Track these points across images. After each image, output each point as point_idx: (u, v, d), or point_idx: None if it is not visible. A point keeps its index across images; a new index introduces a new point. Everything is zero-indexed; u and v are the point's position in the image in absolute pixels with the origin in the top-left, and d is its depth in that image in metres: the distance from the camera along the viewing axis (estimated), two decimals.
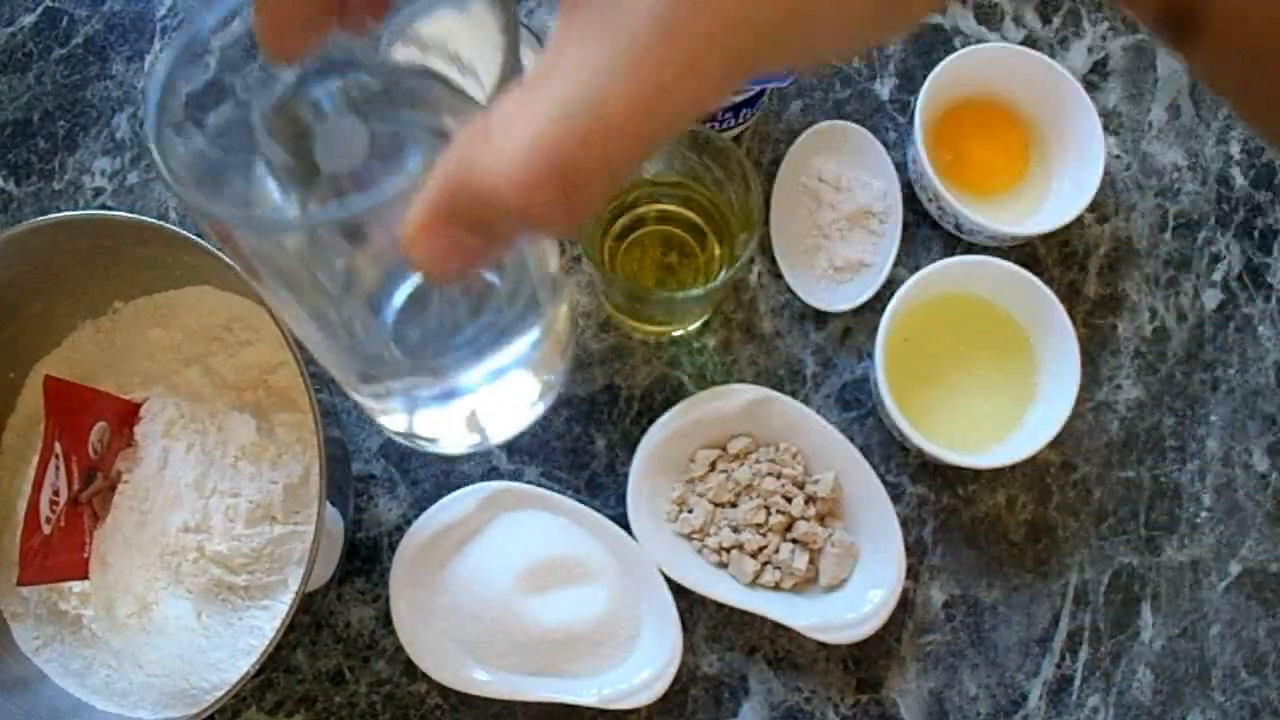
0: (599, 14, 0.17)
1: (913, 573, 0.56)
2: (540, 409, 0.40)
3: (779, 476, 0.55)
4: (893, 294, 0.54)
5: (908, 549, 0.54)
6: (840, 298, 0.58)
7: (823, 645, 0.55)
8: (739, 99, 0.54)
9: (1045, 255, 0.61)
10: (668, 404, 0.56)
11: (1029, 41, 0.63)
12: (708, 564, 0.55)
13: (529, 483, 0.56)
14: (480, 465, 0.57)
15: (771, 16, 0.17)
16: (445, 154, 0.18)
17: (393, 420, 0.39)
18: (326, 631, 0.55)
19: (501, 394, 0.36)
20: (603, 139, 0.17)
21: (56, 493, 0.47)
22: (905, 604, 0.56)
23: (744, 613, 0.54)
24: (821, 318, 0.59)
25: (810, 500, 0.55)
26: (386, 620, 0.54)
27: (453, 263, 0.19)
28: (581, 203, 0.18)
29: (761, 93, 0.55)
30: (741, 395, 0.55)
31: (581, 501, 0.55)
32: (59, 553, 0.47)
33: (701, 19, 0.17)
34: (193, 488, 0.48)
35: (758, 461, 0.55)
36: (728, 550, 0.55)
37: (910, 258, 0.60)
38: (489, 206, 0.18)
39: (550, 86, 0.17)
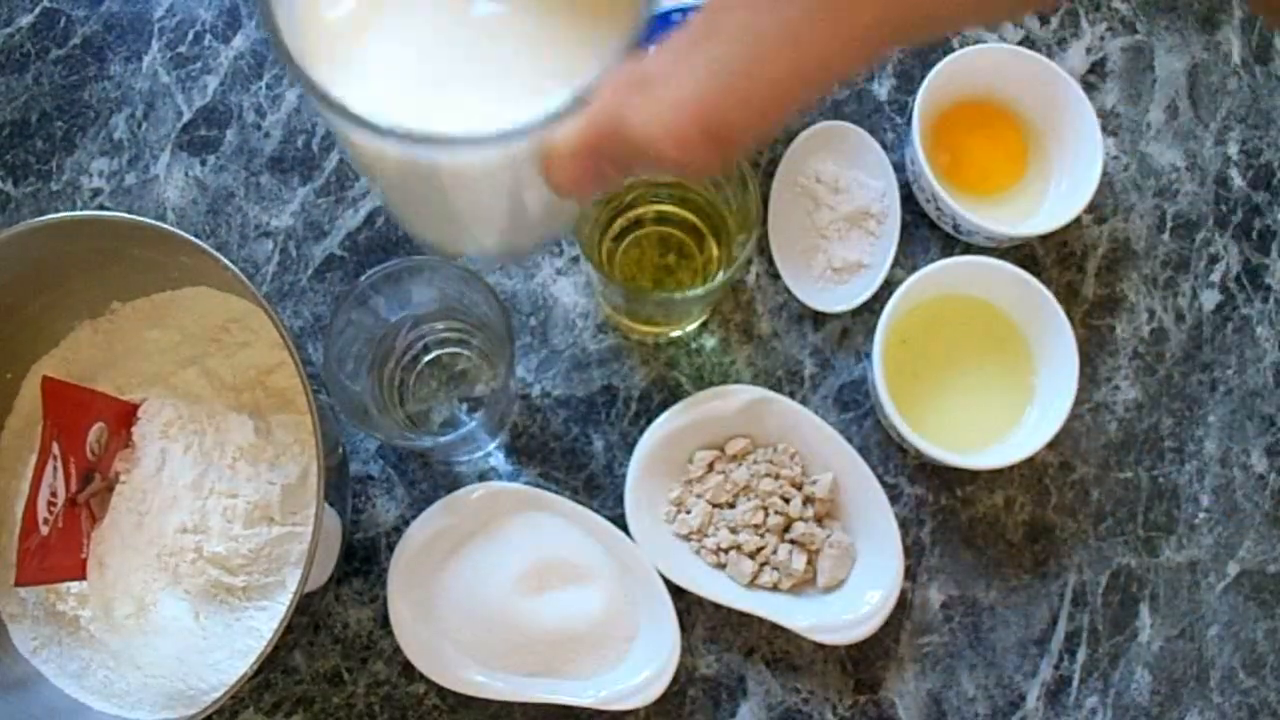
0: None
1: (911, 573, 0.56)
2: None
3: (777, 477, 0.55)
4: (891, 295, 0.54)
5: (906, 550, 0.54)
6: (838, 298, 0.58)
7: (821, 646, 0.55)
8: None
9: (1043, 256, 0.61)
10: (665, 405, 0.56)
11: (1027, 42, 0.63)
12: (706, 565, 0.55)
13: (527, 484, 0.56)
14: (478, 466, 0.57)
15: None
16: (600, 98, 0.20)
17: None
18: (324, 632, 0.55)
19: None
20: (759, 101, 0.19)
21: (54, 493, 0.47)
22: (903, 605, 0.56)
23: (742, 613, 0.54)
24: (819, 318, 0.59)
25: (808, 501, 0.55)
26: (384, 621, 0.54)
27: (588, 186, 0.22)
28: (731, 153, 0.20)
29: None
30: (739, 396, 0.55)
31: (579, 502, 0.55)
32: (56, 554, 0.47)
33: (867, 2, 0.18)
34: (190, 488, 0.48)
35: (756, 462, 0.55)
36: (725, 551, 0.55)
37: (908, 258, 0.60)
38: (637, 150, 0.20)
39: (708, 47, 0.19)
